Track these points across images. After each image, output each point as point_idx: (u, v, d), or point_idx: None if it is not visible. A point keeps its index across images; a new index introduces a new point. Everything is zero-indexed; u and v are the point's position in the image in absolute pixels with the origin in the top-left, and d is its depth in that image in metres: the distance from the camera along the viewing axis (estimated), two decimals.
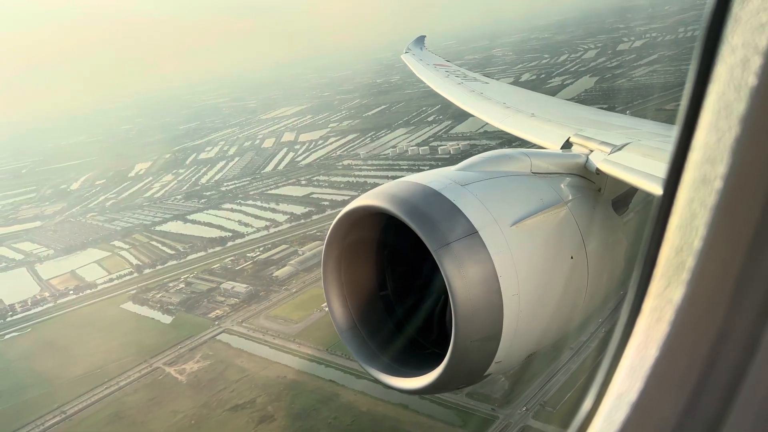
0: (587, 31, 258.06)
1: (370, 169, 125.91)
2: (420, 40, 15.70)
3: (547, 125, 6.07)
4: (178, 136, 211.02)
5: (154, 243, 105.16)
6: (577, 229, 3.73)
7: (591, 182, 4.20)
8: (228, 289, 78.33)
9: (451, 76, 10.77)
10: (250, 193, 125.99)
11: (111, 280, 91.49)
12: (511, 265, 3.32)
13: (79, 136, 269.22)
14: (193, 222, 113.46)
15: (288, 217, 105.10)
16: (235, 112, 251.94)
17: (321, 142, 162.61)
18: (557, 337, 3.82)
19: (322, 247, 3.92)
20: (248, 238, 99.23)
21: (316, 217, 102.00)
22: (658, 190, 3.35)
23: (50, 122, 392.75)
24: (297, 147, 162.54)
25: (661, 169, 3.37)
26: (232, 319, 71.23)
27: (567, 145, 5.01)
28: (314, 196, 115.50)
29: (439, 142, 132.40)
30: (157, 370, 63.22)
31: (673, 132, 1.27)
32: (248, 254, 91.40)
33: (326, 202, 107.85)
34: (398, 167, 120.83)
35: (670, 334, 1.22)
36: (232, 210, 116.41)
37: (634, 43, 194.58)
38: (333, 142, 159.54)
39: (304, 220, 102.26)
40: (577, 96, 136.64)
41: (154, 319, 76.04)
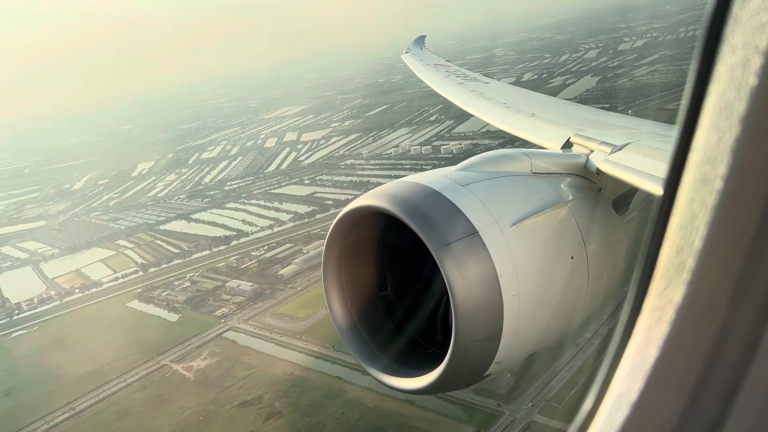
0: (588, 31, 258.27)
1: (373, 169, 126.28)
2: (420, 40, 15.73)
3: (548, 125, 6.09)
4: (180, 136, 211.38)
5: (159, 242, 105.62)
6: (577, 229, 3.74)
7: (591, 182, 4.22)
8: (233, 287, 78.77)
9: (452, 76, 10.81)
10: (254, 193, 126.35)
11: (116, 278, 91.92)
12: (512, 266, 3.33)
13: (81, 136, 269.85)
14: (197, 221, 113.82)
15: (292, 216, 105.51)
16: (237, 112, 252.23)
17: (323, 141, 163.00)
18: (558, 338, 3.84)
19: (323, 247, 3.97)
20: (252, 237, 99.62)
21: (319, 216, 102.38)
22: (658, 190, 3.34)
23: (51, 122, 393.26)
24: (299, 146, 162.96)
25: (662, 169, 3.41)
26: (238, 317, 71.65)
27: (567, 145, 5.03)
28: (317, 195, 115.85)
29: (442, 142, 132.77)
30: (164, 367, 63.67)
31: (674, 132, 1.29)
32: (253, 253, 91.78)
33: (330, 201, 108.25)
34: (401, 167, 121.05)
35: (671, 334, 1.23)
36: (236, 209, 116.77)
37: (636, 42, 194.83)
38: (335, 142, 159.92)
39: (307, 219, 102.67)
40: (578, 95, 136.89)
41: (160, 317, 76.49)
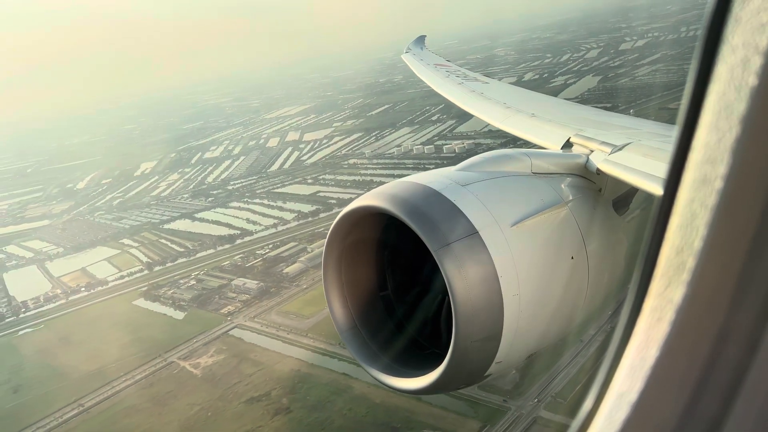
0: (589, 31, 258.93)
1: (375, 168, 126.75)
2: (420, 40, 15.75)
3: (548, 125, 6.10)
4: (182, 136, 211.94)
5: (163, 241, 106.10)
6: (577, 229, 3.75)
7: (591, 182, 4.23)
8: (239, 285, 79.23)
9: (452, 76, 10.82)
10: (257, 192, 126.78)
11: (122, 277, 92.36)
12: (512, 266, 3.34)
13: (83, 136, 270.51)
14: (201, 220, 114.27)
15: (296, 215, 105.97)
16: (239, 112, 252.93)
17: (326, 141, 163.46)
18: (558, 338, 3.84)
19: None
20: (257, 235, 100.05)
21: (323, 215, 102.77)
22: (658, 190, 3.36)
23: (52, 122, 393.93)
24: (302, 146, 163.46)
25: (662, 169, 3.42)
26: (245, 315, 72.12)
27: (567, 145, 5.04)
28: (321, 194, 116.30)
29: (444, 141, 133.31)
30: (171, 364, 64.15)
31: (674, 132, 1.29)
32: (257, 251, 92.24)
33: (333, 201, 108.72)
34: (404, 166, 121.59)
35: (671, 334, 1.23)
36: (240, 208, 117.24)
37: (637, 42, 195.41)
38: (337, 141, 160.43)
39: (311, 218, 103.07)
40: (580, 95, 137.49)
41: (166, 315, 76.94)
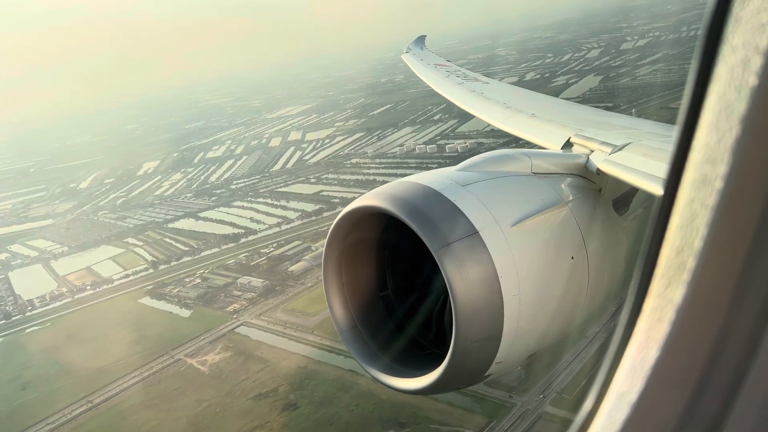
0: (590, 31, 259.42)
1: (378, 167, 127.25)
2: (420, 40, 15.79)
3: (548, 125, 6.11)
4: (184, 136, 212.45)
5: (168, 240, 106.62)
6: (577, 229, 3.75)
7: (592, 182, 4.24)
8: (244, 283, 79.77)
9: (452, 76, 10.83)
10: (260, 191, 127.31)
11: (127, 275, 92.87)
12: (512, 266, 3.34)
13: (85, 136, 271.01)
14: (205, 219, 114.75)
15: (299, 214, 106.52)
16: (240, 112, 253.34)
17: (328, 140, 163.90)
18: (558, 338, 3.84)
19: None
20: (261, 234, 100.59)
21: (327, 214, 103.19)
22: (658, 190, 3.36)
23: (54, 122, 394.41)
24: (304, 146, 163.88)
25: (662, 169, 3.42)
26: (250, 313, 72.66)
27: (567, 145, 5.05)
28: (324, 193, 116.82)
29: (446, 141, 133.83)
30: (179, 361, 64.72)
31: (674, 132, 1.28)
32: (262, 250, 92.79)
33: (336, 200, 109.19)
34: (406, 165, 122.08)
35: (671, 335, 1.22)
36: (243, 207, 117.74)
37: (638, 42, 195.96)
38: (340, 141, 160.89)
39: (315, 217, 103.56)
40: (582, 95, 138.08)
41: (172, 313, 77.52)
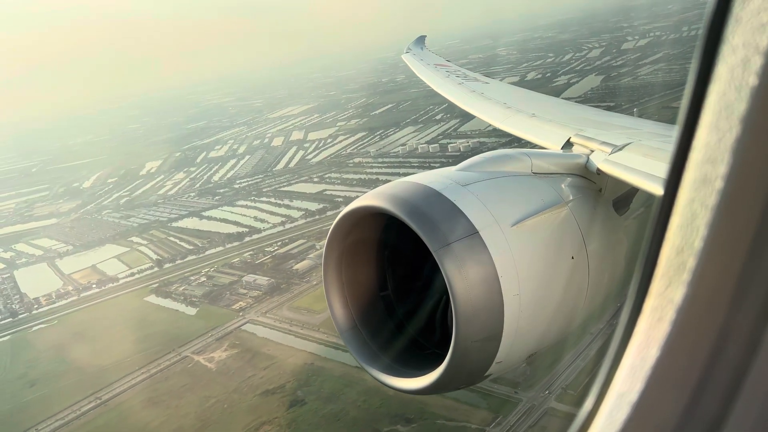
0: (591, 30, 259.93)
1: (381, 167, 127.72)
2: (420, 40, 15.83)
3: (548, 125, 6.13)
4: (186, 135, 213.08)
5: (172, 239, 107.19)
6: (577, 229, 3.76)
7: (592, 182, 4.25)
8: (250, 281, 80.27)
9: (452, 76, 10.86)
10: (264, 190, 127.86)
11: (132, 274, 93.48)
12: (512, 266, 3.35)
13: (86, 136, 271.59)
14: (209, 218, 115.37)
15: (303, 213, 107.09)
16: (242, 112, 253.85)
17: (330, 140, 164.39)
18: (558, 338, 3.85)
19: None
20: (265, 233, 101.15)
21: (330, 213, 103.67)
22: (658, 190, 3.37)
23: (55, 122, 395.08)
24: (306, 145, 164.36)
25: (662, 169, 3.43)
26: (256, 310, 73.15)
27: (568, 145, 5.06)
28: (327, 192, 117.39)
29: (449, 140, 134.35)
30: (186, 358, 65.25)
31: (674, 132, 1.28)
32: (266, 249, 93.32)
33: (340, 199, 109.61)
34: (409, 164, 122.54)
35: (671, 334, 1.22)
36: (247, 207, 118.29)
37: (639, 41, 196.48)
38: (342, 141, 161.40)
39: (318, 216, 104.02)
40: (583, 94, 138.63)
41: (178, 311, 78.04)
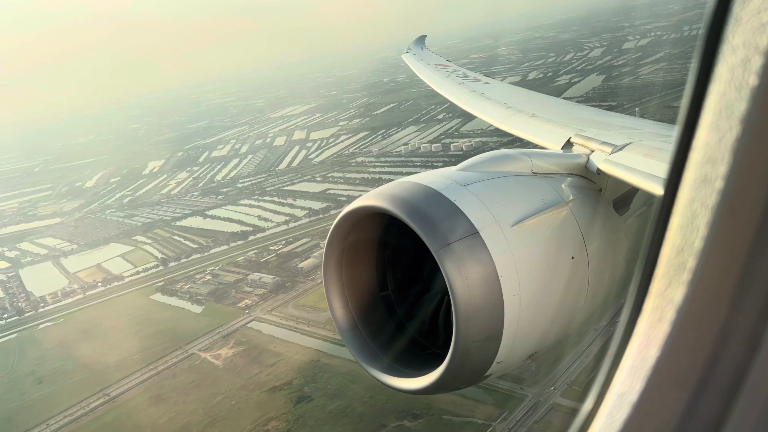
0: (592, 30, 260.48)
1: (384, 166, 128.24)
2: (421, 40, 15.85)
3: (548, 125, 6.13)
4: (189, 135, 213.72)
5: (177, 237, 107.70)
6: (578, 229, 3.76)
7: (592, 182, 4.26)
8: (255, 279, 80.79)
9: (452, 76, 10.87)
10: (267, 190, 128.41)
11: (137, 272, 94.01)
12: (512, 266, 3.35)
13: (88, 135, 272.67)
14: (213, 217, 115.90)
15: (306, 212, 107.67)
16: (243, 111, 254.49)
17: (332, 139, 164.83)
18: (559, 338, 3.85)
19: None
20: (269, 232, 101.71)
21: (334, 212, 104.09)
22: (659, 190, 3.37)
23: (56, 122, 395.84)
24: (309, 144, 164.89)
25: (662, 169, 3.42)
26: (262, 308, 73.64)
27: (568, 145, 5.06)
28: (331, 191, 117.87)
29: (451, 140, 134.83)
30: (193, 356, 65.77)
31: (674, 132, 1.28)
32: (271, 247, 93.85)
33: (343, 198, 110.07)
34: (411, 164, 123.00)
35: (672, 334, 1.22)
36: (251, 206, 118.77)
37: (640, 41, 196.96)
38: (344, 140, 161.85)
39: (322, 215, 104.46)
40: (585, 94, 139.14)
41: (184, 309, 78.54)
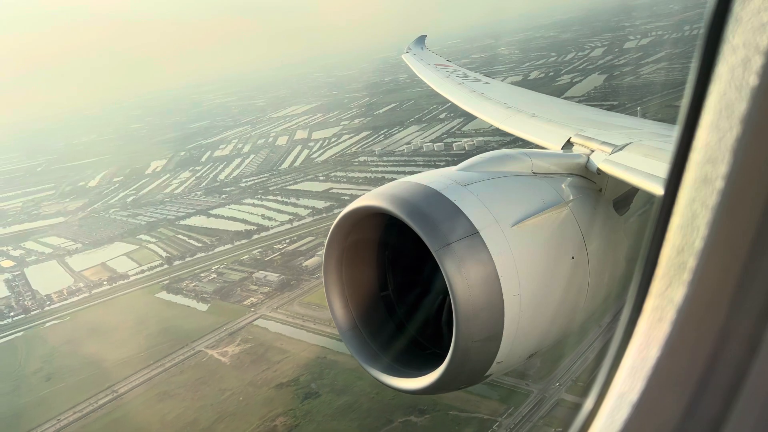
0: (592, 30, 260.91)
1: (386, 165, 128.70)
2: (421, 40, 15.83)
3: (548, 125, 6.13)
4: (191, 135, 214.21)
5: (181, 236, 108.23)
6: (578, 229, 3.75)
7: (592, 182, 4.26)
8: (260, 278, 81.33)
9: (452, 76, 10.87)
10: (270, 189, 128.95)
11: (142, 271, 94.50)
12: (512, 266, 3.34)
13: (90, 135, 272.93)
14: (216, 216, 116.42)
15: (310, 211, 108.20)
16: (245, 111, 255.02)
17: (334, 139, 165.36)
18: (559, 338, 3.85)
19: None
20: (273, 231, 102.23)
21: (337, 211, 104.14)
22: (659, 190, 3.38)
23: (58, 122, 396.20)
24: (311, 144, 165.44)
25: (663, 169, 3.41)
26: (267, 306, 74.19)
27: (568, 145, 5.06)
28: (334, 191, 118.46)
29: (454, 139, 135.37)
30: (199, 353, 66.33)
31: (675, 132, 1.28)
32: (275, 246, 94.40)
33: (346, 197, 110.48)
34: (414, 163, 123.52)
35: (672, 334, 1.22)
36: (254, 205, 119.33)
37: (641, 41, 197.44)
38: (346, 140, 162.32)
39: (326, 214, 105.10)
40: (586, 93, 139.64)
41: (190, 306, 79.07)
